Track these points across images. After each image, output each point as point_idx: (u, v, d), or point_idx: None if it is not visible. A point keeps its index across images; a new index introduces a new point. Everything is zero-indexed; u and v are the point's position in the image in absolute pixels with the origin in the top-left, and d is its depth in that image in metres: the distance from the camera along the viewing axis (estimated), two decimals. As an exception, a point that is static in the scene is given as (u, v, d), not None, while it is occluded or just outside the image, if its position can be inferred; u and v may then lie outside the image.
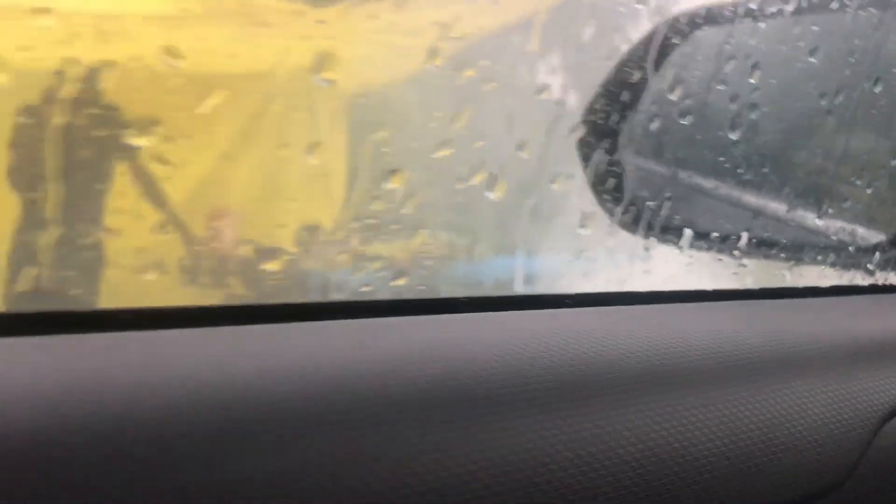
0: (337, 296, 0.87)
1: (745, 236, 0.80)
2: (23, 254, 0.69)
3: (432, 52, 0.89)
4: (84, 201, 0.70)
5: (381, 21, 0.92)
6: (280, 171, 0.92)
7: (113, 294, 0.71)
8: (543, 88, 0.86)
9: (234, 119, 0.87)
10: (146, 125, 0.69)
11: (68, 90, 0.67)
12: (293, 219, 0.90)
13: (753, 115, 0.80)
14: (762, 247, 0.83)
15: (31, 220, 0.69)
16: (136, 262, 0.70)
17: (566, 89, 0.81)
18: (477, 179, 0.88)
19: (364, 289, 0.93)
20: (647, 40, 0.76)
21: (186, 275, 0.73)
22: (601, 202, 0.78)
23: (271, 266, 0.78)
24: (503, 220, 0.88)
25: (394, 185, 0.91)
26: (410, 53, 0.92)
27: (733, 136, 0.78)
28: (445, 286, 0.90)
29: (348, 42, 0.89)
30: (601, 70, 0.80)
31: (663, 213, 0.77)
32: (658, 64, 0.76)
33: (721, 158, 0.81)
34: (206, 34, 0.79)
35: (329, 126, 0.91)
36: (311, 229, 0.94)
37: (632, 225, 0.79)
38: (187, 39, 0.72)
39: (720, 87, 0.79)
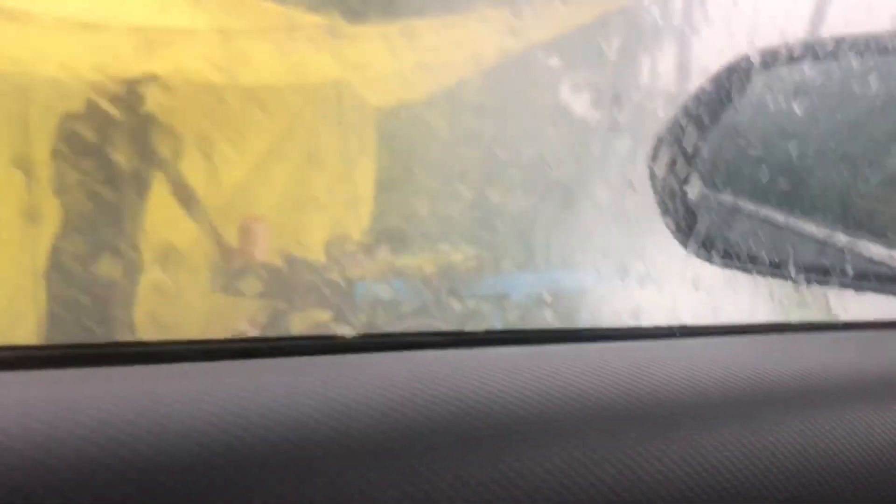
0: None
1: (813, 265, 0.81)
2: (59, 259, 0.71)
3: (472, 65, 0.91)
4: (125, 207, 0.72)
5: (413, 38, 0.94)
6: (311, 182, 0.94)
7: (149, 299, 0.73)
8: (607, 116, 0.87)
9: (270, 130, 0.89)
10: (187, 136, 0.72)
11: (113, 101, 0.69)
12: (323, 229, 0.92)
13: (821, 148, 0.81)
14: (827, 275, 0.84)
15: (71, 225, 0.72)
16: (171, 267, 0.72)
17: (632, 117, 0.83)
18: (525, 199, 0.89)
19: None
20: (724, 73, 0.77)
21: (219, 281, 0.75)
22: (673, 230, 0.79)
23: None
24: (559, 242, 0.88)
25: (421, 200, 0.93)
26: (445, 70, 0.94)
27: (801, 168, 0.80)
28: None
29: (381, 58, 0.91)
30: (676, 101, 0.82)
31: (734, 241, 0.78)
32: (733, 97, 0.77)
33: (790, 189, 0.83)
34: (247, 49, 0.81)
35: (359, 139, 0.93)
36: (340, 240, 0.96)
37: (704, 252, 0.80)
38: (228, 54, 0.75)
39: (790, 121, 0.80)
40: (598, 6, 0.88)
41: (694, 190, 0.84)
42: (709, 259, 0.84)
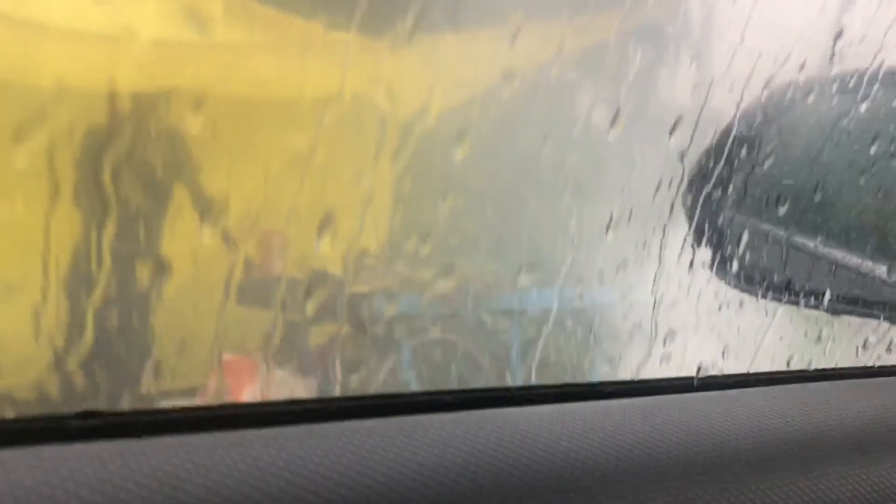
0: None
1: (847, 295, 0.81)
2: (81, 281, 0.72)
3: (497, 79, 0.91)
4: (145, 219, 0.73)
5: (433, 52, 0.94)
6: (329, 195, 0.94)
7: (168, 312, 0.74)
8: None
9: (290, 143, 0.89)
10: (207, 149, 0.72)
11: (134, 114, 0.70)
12: (340, 243, 0.92)
13: (860, 179, 0.81)
14: (859, 306, 0.84)
15: (91, 237, 0.72)
16: (191, 281, 0.72)
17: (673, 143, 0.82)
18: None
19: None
20: (760, 102, 0.78)
21: (237, 293, 0.75)
22: (709, 260, 0.79)
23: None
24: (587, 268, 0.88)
25: (445, 212, 0.93)
26: (465, 84, 0.94)
27: (832, 197, 0.80)
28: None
29: (401, 72, 0.91)
30: (711, 127, 0.81)
31: (770, 270, 0.78)
32: (770, 125, 0.77)
33: (821, 217, 0.83)
34: (267, 63, 0.82)
35: (377, 151, 0.93)
36: (357, 253, 0.96)
37: (739, 282, 0.80)
38: (248, 68, 0.75)
39: (827, 151, 0.80)
40: (619, 22, 0.88)
41: (725, 217, 0.83)
42: (739, 286, 0.84)
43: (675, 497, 0.42)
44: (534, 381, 0.90)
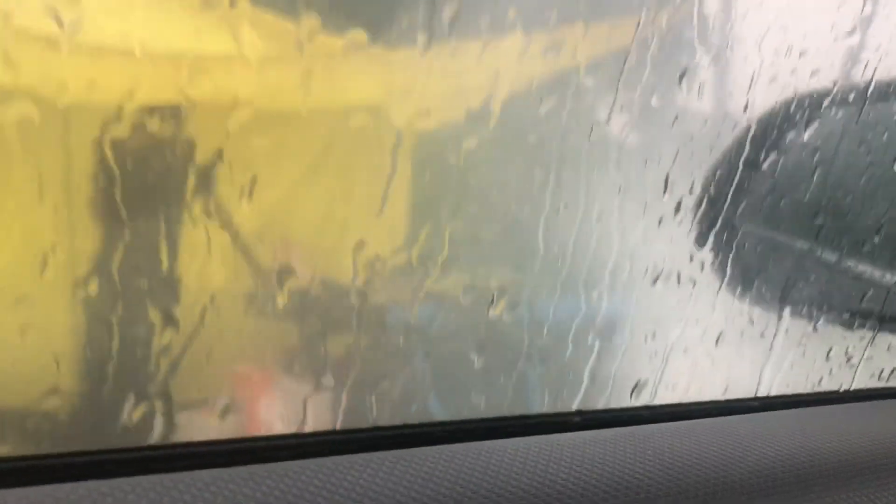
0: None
1: (863, 309, 0.80)
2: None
3: (493, 94, 0.91)
4: (159, 233, 0.73)
5: (448, 60, 0.94)
6: (344, 204, 0.94)
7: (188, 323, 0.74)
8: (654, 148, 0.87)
9: (305, 153, 0.89)
10: (220, 161, 0.72)
11: (149, 127, 0.70)
12: (355, 252, 0.92)
13: (869, 189, 0.81)
14: (876, 319, 0.83)
15: (109, 247, 0.72)
16: (207, 292, 0.72)
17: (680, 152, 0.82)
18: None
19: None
20: (773, 113, 0.77)
21: (254, 307, 0.75)
22: (721, 273, 0.79)
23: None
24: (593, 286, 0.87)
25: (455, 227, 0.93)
26: (480, 91, 0.94)
27: (848, 208, 0.79)
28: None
29: (415, 80, 0.91)
30: (723, 137, 0.81)
31: (777, 280, 0.77)
32: (780, 137, 0.77)
33: (837, 229, 0.82)
34: (282, 74, 0.81)
35: (392, 163, 0.93)
36: (372, 262, 0.96)
37: (746, 291, 0.79)
38: (259, 79, 0.75)
39: (843, 161, 0.79)
40: (635, 29, 0.88)
41: (738, 227, 0.83)
42: (750, 298, 0.83)
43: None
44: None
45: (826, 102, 0.80)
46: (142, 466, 0.39)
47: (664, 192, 0.81)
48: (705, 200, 0.82)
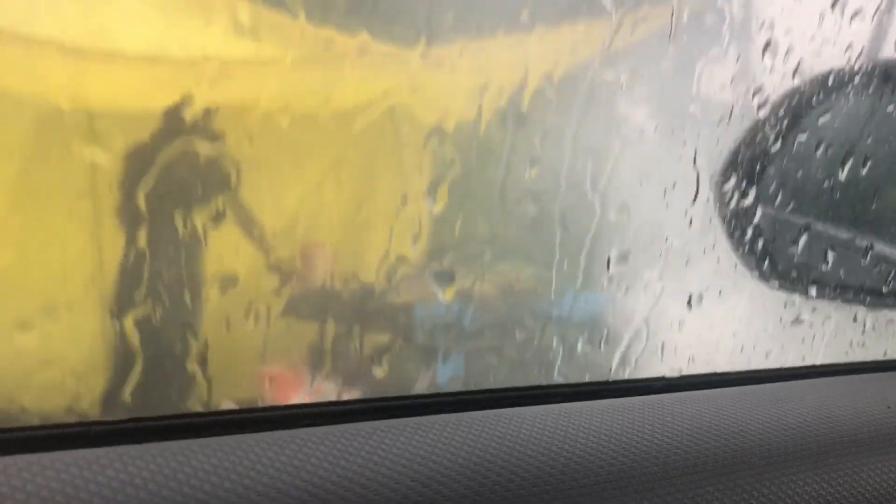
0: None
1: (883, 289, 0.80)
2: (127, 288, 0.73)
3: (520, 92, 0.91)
4: (188, 235, 0.73)
5: (468, 58, 0.94)
6: (366, 204, 0.94)
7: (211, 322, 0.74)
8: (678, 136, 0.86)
9: (326, 154, 0.90)
10: (246, 163, 0.73)
11: (173, 133, 0.70)
12: (379, 251, 0.92)
13: (890, 170, 0.80)
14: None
15: (136, 253, 0.73)
16: (233, 293, 0.73)
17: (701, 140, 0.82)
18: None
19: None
20: (792, 95, 0.77)
21: (280, 306, 0.76)
22: (740, 254, 0.78)
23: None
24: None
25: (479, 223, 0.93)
26: (501, 89, 0.94)
27: (869, 189, 0.78)
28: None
29: (435, 79, 0.91)
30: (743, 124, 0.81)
31: (800, 264, 0.77)
32: (801, 119, 0.76)
33: (857, 210, 0.81)
34: (302, 77, 0.82)
35: (414, 160, 0.93)
36: (396, 262, 0.96)
37: (773, 278, 0.79)
38: (284, 82, 0.76)
39: (861, 144, 0.79)
40: (656, 21, 0.87)
41: (759, 211, 0.82)
42: (775, 283, 0.82)
43: (685, 494, 0.42)
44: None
45: (842, 84, 0.80)
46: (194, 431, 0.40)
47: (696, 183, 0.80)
48: (728, 182, 0.82)
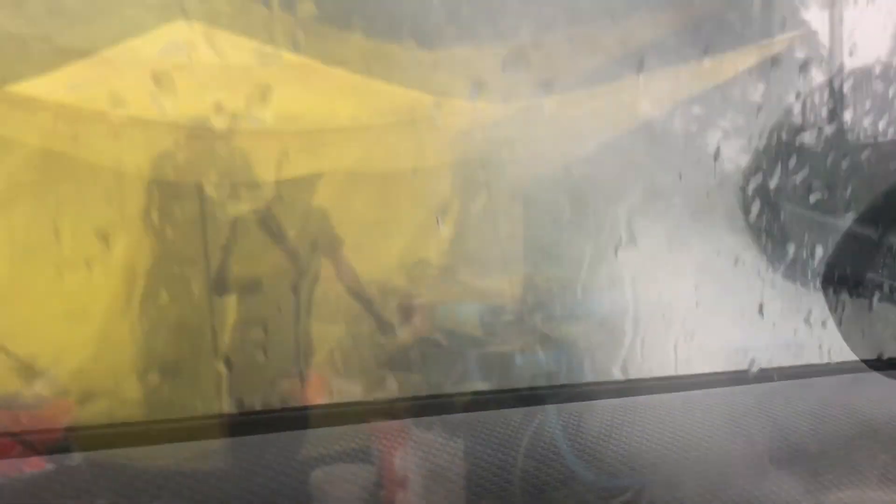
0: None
1: None
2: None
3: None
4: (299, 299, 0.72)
5: (489, 66, 0.93)
6: (390, 206, 0.94)
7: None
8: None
9: (349, 155, 0.88)
10: (348, 224, 0.71)
11: (266, 193, 0.68)
12: (402, 253, 0.93)
13: None
14: None
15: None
16: (335, 344, 0.73)
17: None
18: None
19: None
20: (819, 91, 0.77)
21: (381, 357, 0.77)
22: (764, 251, 0.81)
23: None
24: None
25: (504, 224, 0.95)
26: (527, 96, 0.94)
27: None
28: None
29: (461, 82, 0.91)
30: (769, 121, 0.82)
31: (831, 262, 0.79)
32: (829, 114, 0.77)
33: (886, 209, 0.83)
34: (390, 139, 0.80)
35: (438, 161, 0.93)
36: (420, 264, 0.97)
37: (797, 275, 0.81)
38: (372, 147, 0.74)
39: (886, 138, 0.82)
40: (742, 62, 0.89)
41: (786, 210, 0.86)
42: (802, 281, 0.87)
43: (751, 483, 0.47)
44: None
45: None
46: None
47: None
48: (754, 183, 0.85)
